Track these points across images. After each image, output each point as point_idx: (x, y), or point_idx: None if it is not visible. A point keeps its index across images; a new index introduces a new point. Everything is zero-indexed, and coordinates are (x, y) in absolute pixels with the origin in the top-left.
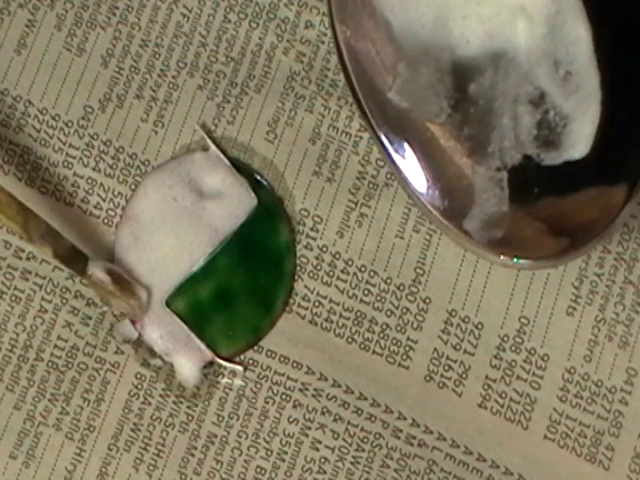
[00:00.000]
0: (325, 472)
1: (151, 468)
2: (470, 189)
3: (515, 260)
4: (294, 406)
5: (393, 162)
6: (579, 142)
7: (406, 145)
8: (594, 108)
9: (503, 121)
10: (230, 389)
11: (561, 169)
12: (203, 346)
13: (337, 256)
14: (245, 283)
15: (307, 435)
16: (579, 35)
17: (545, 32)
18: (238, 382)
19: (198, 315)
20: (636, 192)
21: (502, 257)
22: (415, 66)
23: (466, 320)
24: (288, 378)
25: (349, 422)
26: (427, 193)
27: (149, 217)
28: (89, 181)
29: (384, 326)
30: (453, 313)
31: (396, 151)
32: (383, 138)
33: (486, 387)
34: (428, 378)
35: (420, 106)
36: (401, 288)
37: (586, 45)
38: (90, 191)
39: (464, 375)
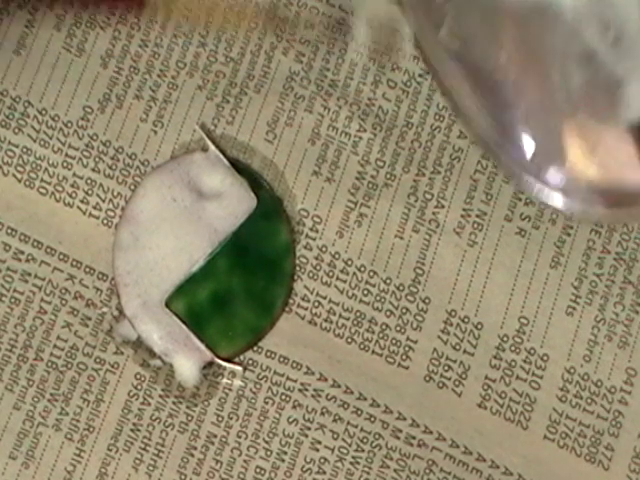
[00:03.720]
0: (325, 472)
1: (151, 468)
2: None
3: None
4: (294, 406)
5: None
6: None
7: (462, 84)
8: None
9: (553, 73)
10: (230, 389)
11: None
12: (202, 346)
13: (336, 256)
14: (244, 283)
15: (307, 435)
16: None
17: None
18: (238, 382)
19: (197, 315)
20: None
21: None
22: (461, 8)
23: (466, 320)
24: (288, 378)
25: (349, 422)
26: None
27: (148, 217)
28: (88, 181)
29: (384, 326)
30: (453, 313)
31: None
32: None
33: (486, 387)
34: (428, 378)
35: (470, 49)
36: (401, 288)
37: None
38: (89, 191)
39: (464, 375)
